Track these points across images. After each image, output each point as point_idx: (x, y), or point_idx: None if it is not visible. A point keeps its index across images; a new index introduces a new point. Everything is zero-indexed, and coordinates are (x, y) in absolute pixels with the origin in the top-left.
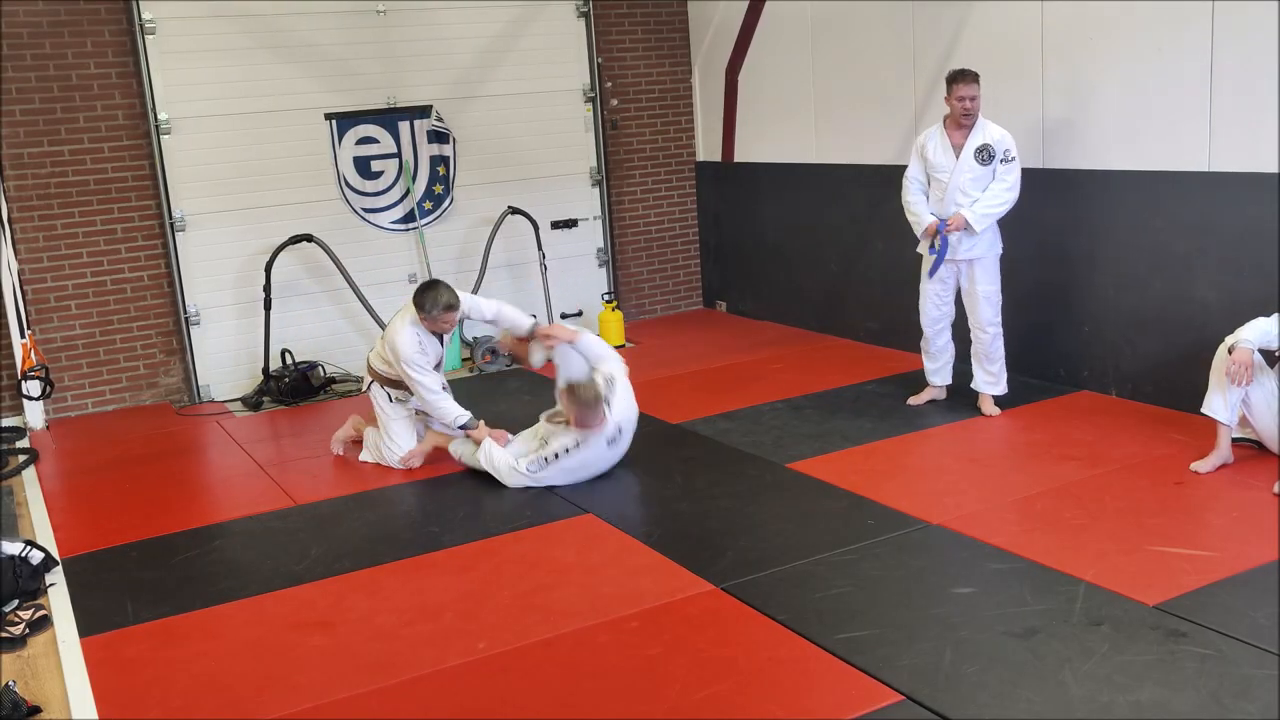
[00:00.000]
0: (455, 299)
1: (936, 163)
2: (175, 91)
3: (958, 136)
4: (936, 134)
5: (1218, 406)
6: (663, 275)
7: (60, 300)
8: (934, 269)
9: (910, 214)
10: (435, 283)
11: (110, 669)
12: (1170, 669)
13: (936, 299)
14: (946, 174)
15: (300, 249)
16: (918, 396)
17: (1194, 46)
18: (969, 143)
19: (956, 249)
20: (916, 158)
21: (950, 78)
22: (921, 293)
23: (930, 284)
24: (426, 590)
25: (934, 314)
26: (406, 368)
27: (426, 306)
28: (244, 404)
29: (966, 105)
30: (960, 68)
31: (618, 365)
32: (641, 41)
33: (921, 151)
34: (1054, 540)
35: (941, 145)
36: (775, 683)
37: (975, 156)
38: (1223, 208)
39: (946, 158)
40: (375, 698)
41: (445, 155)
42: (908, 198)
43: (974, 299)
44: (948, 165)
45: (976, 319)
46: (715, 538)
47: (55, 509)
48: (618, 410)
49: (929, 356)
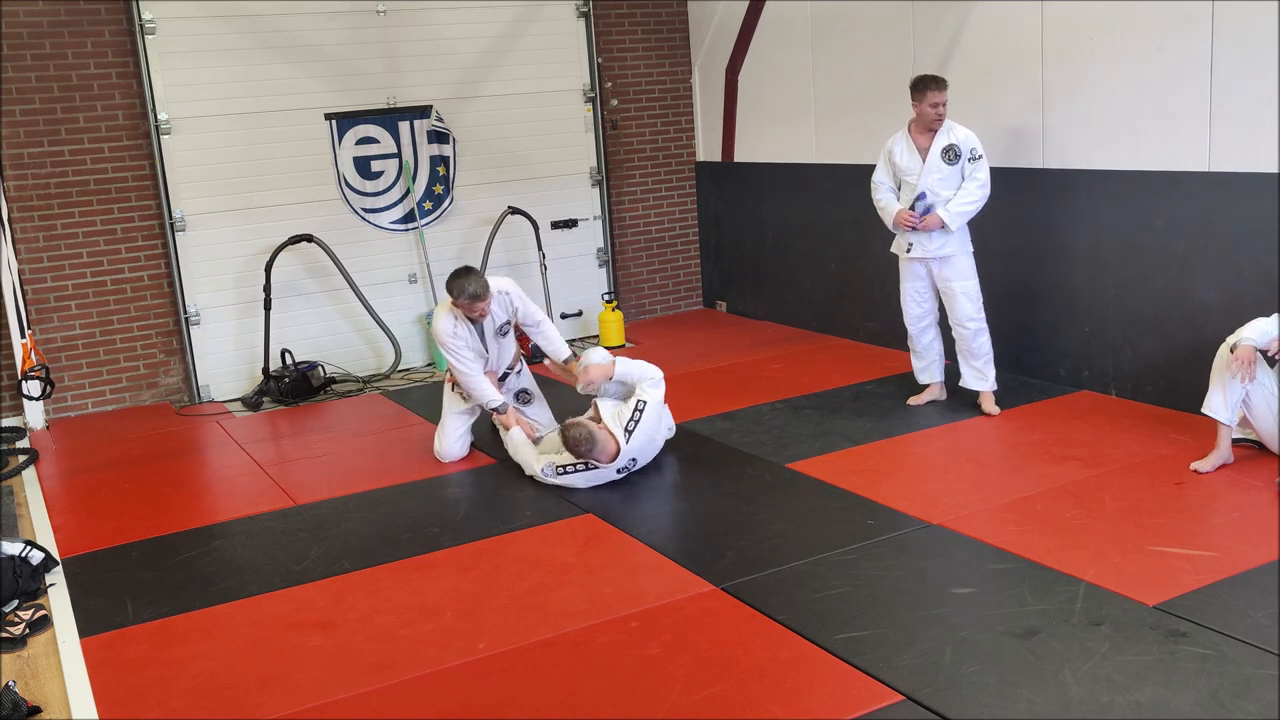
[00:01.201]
0: (482, 289)
1: (905, 166)
2: (175, 91)
3: (923, 140)
4: (902, 139)
5: (1218, 406)
6: (663, 275)
7: (60, 300)
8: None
9: (881, 209)
10: (467, 270)
11: (110, 669)
12: (1170, 669)
13: (916, 296)
14: (915, 176)
15: (300, 249)
16: (918, 397)
17: (1194, 46)
18: (935, 145)
19: (928, 244)
20: (884, 163)
21: (920, 85)
22: (902, 292)
23: (908, 283)
24: (426, 590)
25: (915, 311)
26: (441, 348)
27: (454, 292)
28: (244, 404)
29: (941, 111)
30: (926, 74)
31: (654, 389)
32: (641, 41)
33: (889, 156)
34: (1054, 540)
35: (908, 149)
36: (775, 683)
37: (942, 157)
38: (1223, 208)
39: (914, 161)
40: (375, 698)
41: (445, 155)
42: (878, 196)
43: (951, 296)
44: (915, 168)
45: (955, 316)
46: (715, 538)
47: (55, 509)
48: (637, 442)
49: (916, 355)
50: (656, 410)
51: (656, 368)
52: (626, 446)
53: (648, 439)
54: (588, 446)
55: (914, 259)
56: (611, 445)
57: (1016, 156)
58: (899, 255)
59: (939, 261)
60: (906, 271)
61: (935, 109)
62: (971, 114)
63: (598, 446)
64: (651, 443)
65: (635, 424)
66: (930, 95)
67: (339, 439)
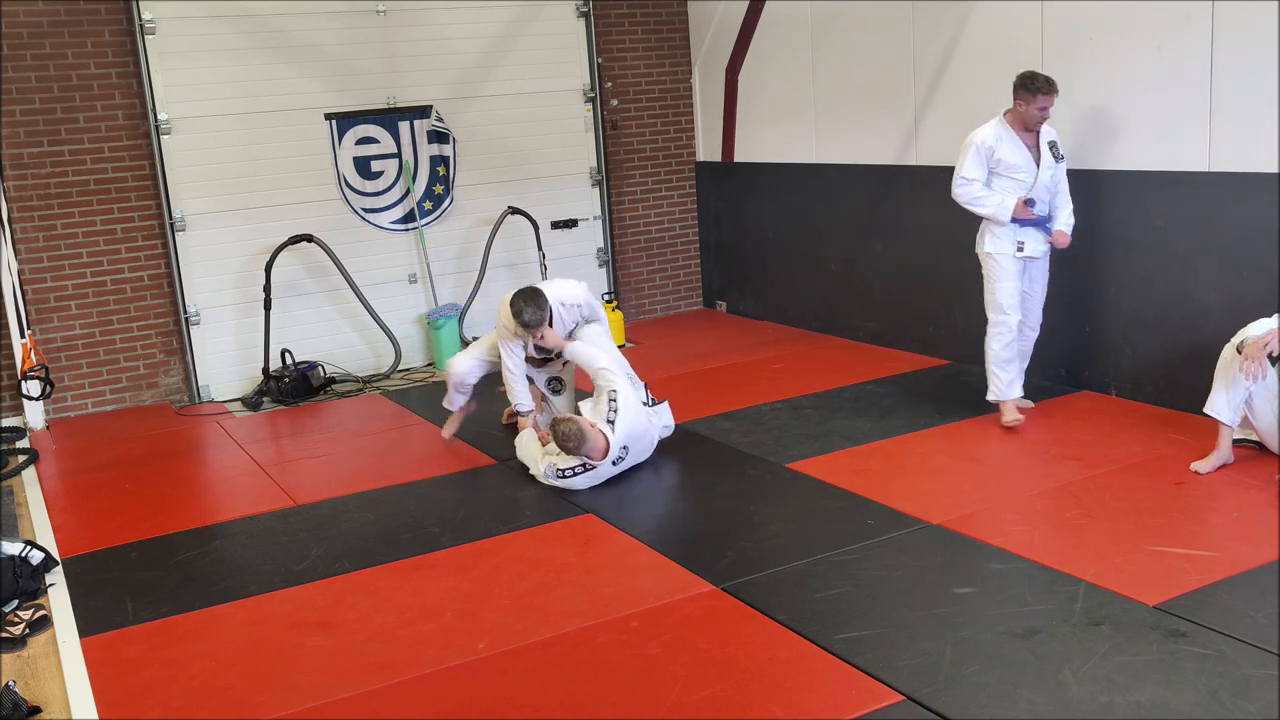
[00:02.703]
0: (535, 322)
1: (1014, 162)
2: (175, 91)
3: (1028, 136)
4: (1004, 133)
5: (1221, 406)
6: (663, 275)
7: (60, 300)
8: (1040, 223)
9: (984, 207)
10: (534, 295)
11: (110, 669)
12: (1170, 669)
13: (1019, 296)
14: (1025, 172)
15: (300, 249)
16: (1013, 417)
17: (1194, 46)
18: (1041, 140)
19: (1039, 243)
20: (979, 159)
21: (1033, 85)
22: (1006, 291)
23: (1013, 282)
24: (426, 590)
25: (1019, 314)
26: (499, 334)
27: (514, 312)
28: (244, 404)
29: (1047, 114)
30: (1039, 74)
31: (613, 376)
32: (641, 41)
33: (990, 153)
34: (1054, 540)
35: (1015, 144)
36: (775, 683)
37: (1050, 152)
38: (1223, 208)
39: (1023, 155)
40: (375, 698)
41: (445, 155)
42: (976, 193)
43: (1034, 298)
44: (1026, 163)
45: (1032, 319)
46: (715, 538)
47: (55, 509)
48: (622, 431)
49: (1005, 365)
50: (629, 395)
51: (603, 354)
52: (614, 438)
53: (632, 424)
54: (577, 442)
55: (1025, 257)
56: (600, 440)
57: None
58: (991, 254)
59: (1035, 261)
60: (1009, 271)
61: (1042, 112)
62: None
63: (587, 442)
64: (638, 428)
65: (615, 413)
66: (1040, 99)
67: (339, 439)
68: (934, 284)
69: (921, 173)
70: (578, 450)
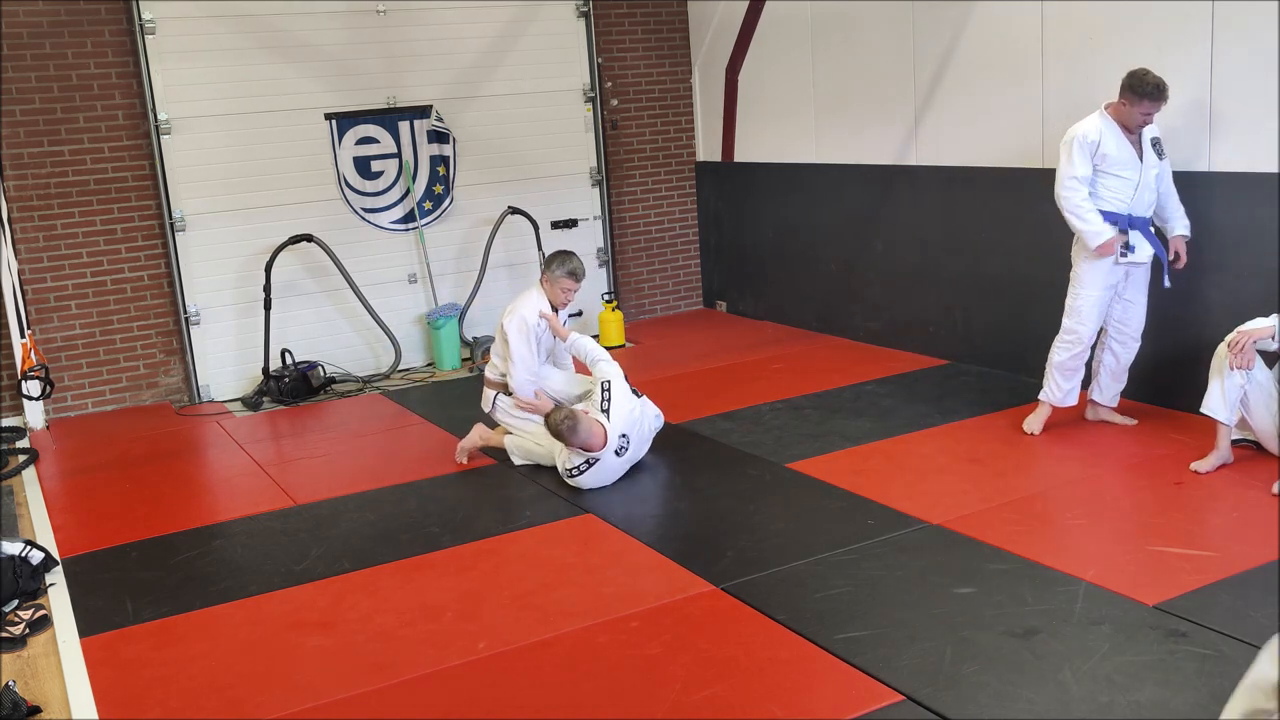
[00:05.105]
0: (581, 271)
1: (1120, 158)
2: (175, 91)
3: (1130, 133)
4: (1109, 129)
5: (1217, 406)
6: (663, 275)
7: (60, 300)
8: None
9: (1085, 223)
10: (569, 252)
11: (110, 669)
12: (1170, 669)
13: (1103, 306)
14: (1131, 169)
15: (300, 249)
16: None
17: (1194, 46)
18: (1144, 136)
19: (1147, 249)
20: (1086, 156)
21: (1143, 90)
22: (1088, 300)
23: (1102, 290)
24: (426, 590)
25: (1100, 323)
26: (520, 327)
27: (553, 267)
28: (244, 404)
29: (1150, 120)
30: (1154, 80)
31: (607, 365)
32: (641, 41)
33: (1094, 148)
34: (1054, 540)
35: (1118, 139)
36: (775, 683)
37: (1153, 149)
38: (1223, 208)
39: (1129, 152)
40: (375, 698)
41: (445, 155)
42: (1079, 201)
43: (1135, 306)
44: (1133, 160)
45: (1133, 330)
46: (715, 538)
47: (55, 509)
48: (619, 419)
49: (1073, 372)
50: (622, 384)
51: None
52: (611, 425)
53: (629, 413)
54: (570, 425)
55: (1129, 263)
56: (598, 429)
57: (1016, 157)
58: (1085, 260)
59: (1138, 268)
60: (1105, 278)
61: (1145, 117)
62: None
63: (581, 426)
64: (633, 415)
65: (609, 402)
66: (1146, 104)
67: (339, 439)
68: (934, 284)
69: (921, 173)
70: (571, 438)
